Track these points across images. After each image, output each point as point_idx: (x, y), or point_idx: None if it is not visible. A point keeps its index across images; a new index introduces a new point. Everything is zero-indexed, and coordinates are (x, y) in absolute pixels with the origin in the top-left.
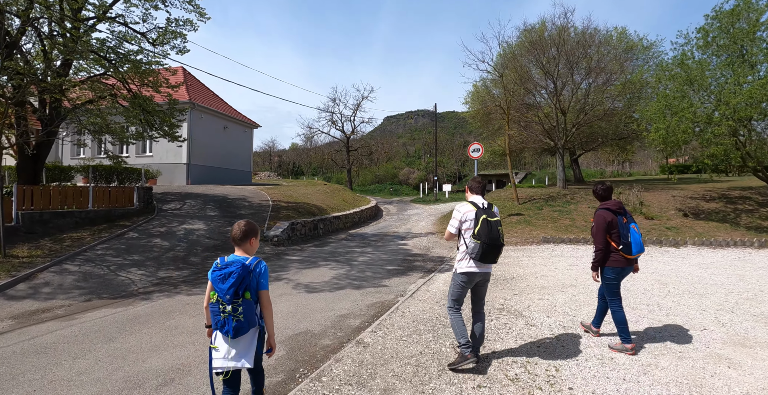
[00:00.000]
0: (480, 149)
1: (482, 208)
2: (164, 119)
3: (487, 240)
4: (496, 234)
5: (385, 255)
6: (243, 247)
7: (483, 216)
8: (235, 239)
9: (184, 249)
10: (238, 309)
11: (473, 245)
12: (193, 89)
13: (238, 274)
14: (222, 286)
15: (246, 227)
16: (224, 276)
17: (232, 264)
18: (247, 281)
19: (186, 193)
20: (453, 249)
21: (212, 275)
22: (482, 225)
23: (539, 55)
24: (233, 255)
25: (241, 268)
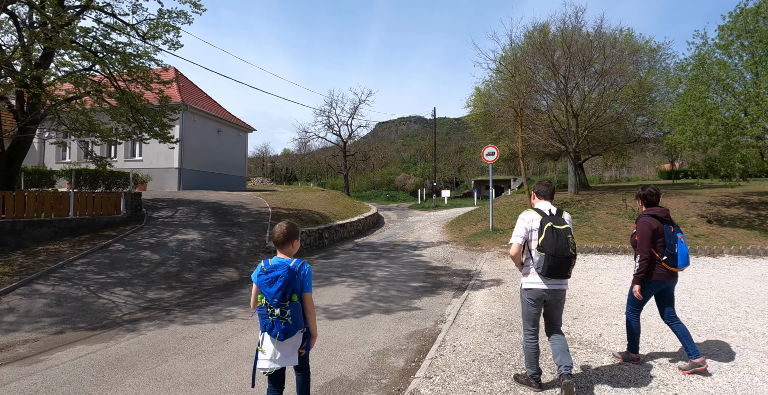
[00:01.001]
0: (495, 152)
1: (548, 216)
2: (155, 118)
3: (553, 252)
4: (563, 244)
5: (404, 269)
6: (285, 250)
7: (548, 225)
8: (277, 242)
9: (177, 263)
10: (286, 312)
11: (538, 258)
12: (186, 91)
13: (285, 278)
14: (269, 290)
15: (288, 229)
16: (271, 280)
17: (278, 267)
18: (293, 284)
19: (178, 199)
20: (474, 260)
21: (258, 279)
22: (547, 235)
23: (550, 55)
24: (277, 258)
25: (288, 272)
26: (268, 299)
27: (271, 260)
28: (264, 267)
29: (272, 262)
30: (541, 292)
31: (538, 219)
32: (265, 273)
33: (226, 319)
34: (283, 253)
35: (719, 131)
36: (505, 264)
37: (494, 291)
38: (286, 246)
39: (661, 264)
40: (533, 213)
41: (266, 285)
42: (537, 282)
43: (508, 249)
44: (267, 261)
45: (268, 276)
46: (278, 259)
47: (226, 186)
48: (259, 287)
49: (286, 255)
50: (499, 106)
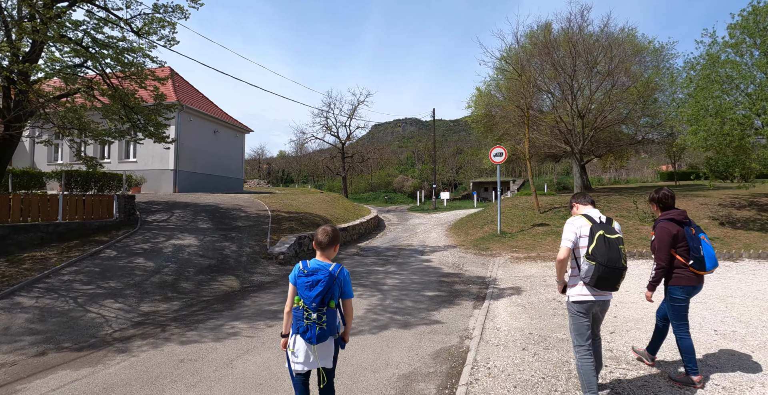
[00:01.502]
0: (503, 153)
1: (599, 223)
2: (150, 117)
3: (604, 262)
4: (616, 254)
5: (415, 277)
6: (327, 253)
7: (600, 233)
8: (321, 244)
9: (173, 271)
10: (322, 317)
11: (587, 267)
12: (182, 90)
13: (326, 283)
14: (309, 293)
15: (334, 233)
16: (312, 284)
17: (319, 271)
18: (333, 290)
19: (174, 202)
20: (486, 266)
21: (298, 280)
22: (598, 244)
23: (555, 54)
24: (316, 261)
25: (329, 277)
26: (306, 302)
27: (309, 262)
28: (304, 269)
29: (312, 265)
30: (590, 304)
31: (587, 225)
32: (305, 276)
33: (228, 337)
34: (324, 256)
35: (735, 131)
36: (520, 271)
37: (516, 301)
38: (328, 249)
39: (689, 269)
40: (582, 219)
41: (306, 288)
42: (585, 293)
43: (520, 253)
44: (306, 263)
45: (308, 279)
46: (318, 262)
47: (222, 188)
48: (298, 289)
49: (327, 258)
50: (503, 107)
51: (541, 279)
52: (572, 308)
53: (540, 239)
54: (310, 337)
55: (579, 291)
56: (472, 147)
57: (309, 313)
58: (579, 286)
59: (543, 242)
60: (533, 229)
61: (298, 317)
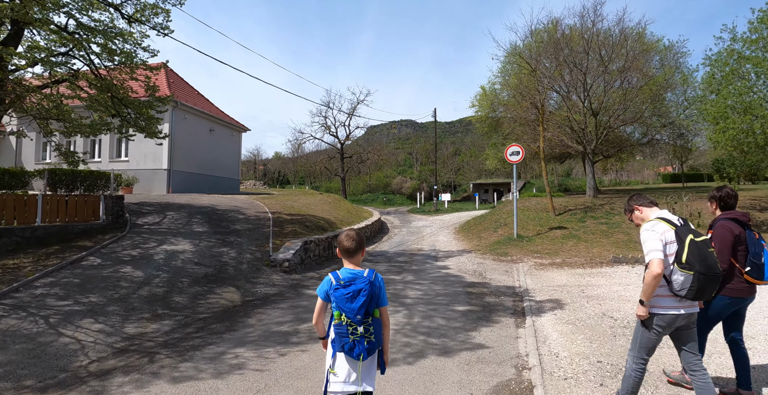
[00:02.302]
0: (520, 152)
1: (682, 226)
2: (140, 111)
3: (703, 270)
4: (712, 260)
5: (438, 287)
6: (355, 259)
7: (690, 237)
8: (348, 251)
9: (164, 282)
10: (369, 329)
11: (683, 278)
12: (176, 87)
13: (368, 292)
14: (352, 306)
15: (358, 237)
16: (352, 295)
17: (356, 279)
18: (375, 298)
19: (167, 203)
20: (510, 273)
21: (335, 293)
22: (691, 249)
23: (568, 50)
24: (348, 270)
25: (369, 285)
26: (350, 316)
27: (340, 272)
28: (339, 280)
29: (344, 274)
30: (675, 317)
31: (670, 230)
32: (343, 287)
33: (232, 371)
34: (353, 263)
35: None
36: (549, 279)
37: (562, 317)
38: (356, 255)
39: (743, 276)
40: (663, 223)
41: (347, 300)
42: (673, 305)
43: (543, 259)
44: (336, 274)
45: (347, 290)
46: (350, 271)
47: (218, 188)
48: (337, 303)
49: (356, 265)
50: (509, 105)
51: (578, 289)
52: (656, 322)
53: (560, 243)
54: (360, 353)
55: (667, 304)
56: (470, 148)
57: (354, 328)
58: (667, 298)
59: (564, 247)
60: (551, 233)
61: (342, 333)
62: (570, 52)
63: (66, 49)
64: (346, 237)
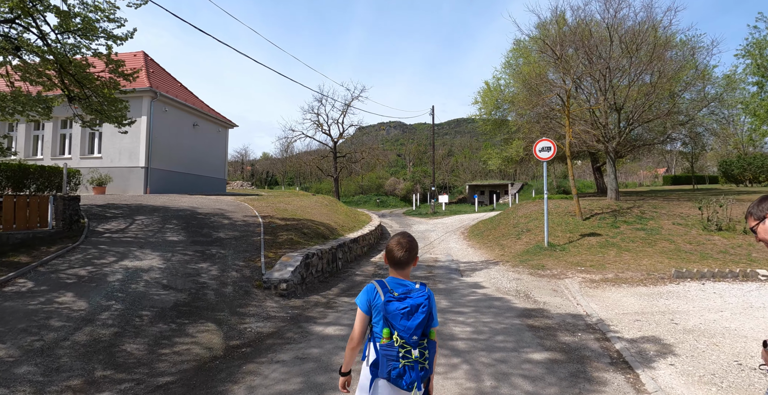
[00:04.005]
0: (551, 147)
1: None
2: (100, 90)
3: None
4: None
5: (486, 317)
6: (406, 271)
7: None
8: (400, 262)
9: (115, 317)
10: (424, 352)
11: None
12: (157, 77)
13: (428, 307)
14: (409, 324)
15: (410, 244)
16: (410, 310)
17: (413, 292)
18: (432, 316)
19: (139, 205)
20: (560, 293)
21: (389, 307)
22: None
23: (587, 41)
24: (397, 280)
25: (428, 300)
26: (404, 336)
27: (387, 281)
28: (392, 291)
29: (394, 285)
30: None
31: None
32: (398, 300)
33: None
34: (403, 275)
35: None
36: (615, 302)
37: (685, 369)
38: (409, 265)
39: None
40: None
41: (403, 316)
42: None
43: (590, 274)
44: (383, 282)
45: (404, 304)
46: (400, 282)
47: (203, 189)
48: (390, 318)
49: (406, 276)
50: (525, 100)
51: (664, 318)
52: None
53: (600, 253)
54: (413, 381)
55: None
56: (464, 149)
57: (408, 350)
58: None
59: (607, 258)
60: (584, 241)
61: (391, 356)
62: (592, 40)
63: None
64: (397, 246)
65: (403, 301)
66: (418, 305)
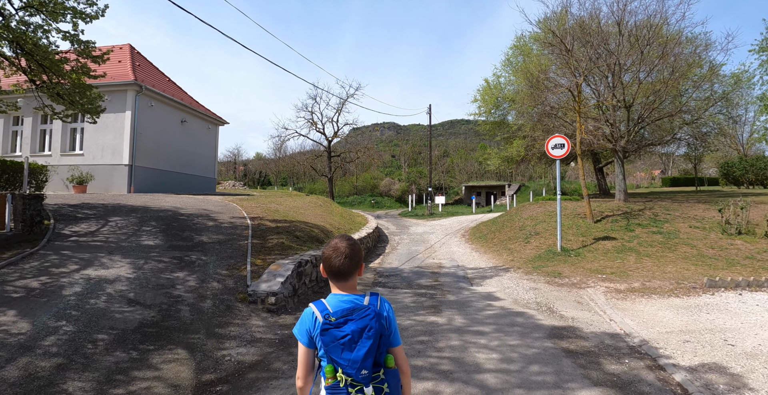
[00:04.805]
0: (565, 144)
1: None
2: (66, 75)
3: None
4: None
5: (513, 340)
6: (351, 282)
7: None
8: (340, 272)
9: (63, 344)
10: (382, 387)
11: None
12: (143, 71)
13: (376, 329)
14: (353, 356)
15: (351, 249)
16: (352, 337)
17: (355, 311)
18: (385, 337)
19: (116, 205)
20: (584, 306)
21: (323, 337)
22: None
23: (595, 38)
24: (339, 297)
25: (375, 318)
26: (351, 371)
27: (328, 302)
28: (329, 316)
29: (335, 304)
30: None
31: None
32: (335, 327)
33: None
34: (346, 288)
35: None
36: (651, 317)
37: None
38: (352, 276)
39: None
40: None
41: (344, 347)
42: None
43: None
44: (323, 304)
45: (342, 331)
46: (344, 299)
47: (191, 188)
48: (329, 352)
49: (350, 290)
50: (528, 97)
51: (715, 337)
52: None
53: (619, 259)
54: None
55: None
56: (458, 150)
57: (359, 388)
58: None
59: (627, 264)
60: (598, 245)
61: None
62: (601, 34)
63: None
64: (333, 252)
65: (342, 327)
66: (362, 329)
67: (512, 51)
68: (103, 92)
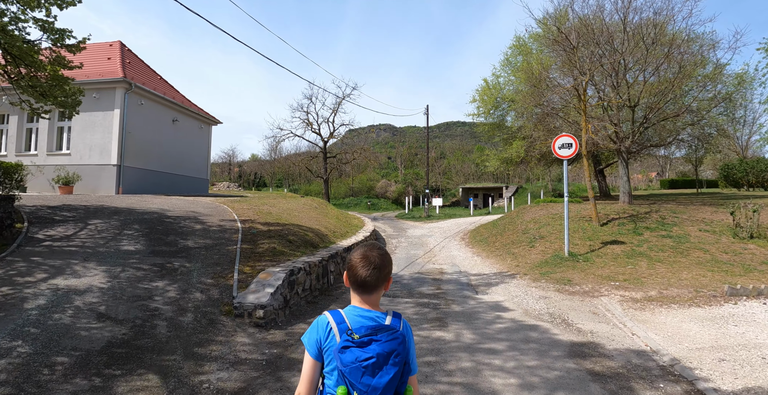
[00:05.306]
0: (573, 144)
1: None
2: (37, 64)
3: None
4: None
5: (530, 360)
6: (374, 297)
7: None
8: (366, 284)
9: (13, 370)
10: None
11: None
12: (133, 68)
13: (401, 355)
14: (375, 382)
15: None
16: (378, 361)
17: (382, 331)
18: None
19: (100, 206)
20: (601, 317)
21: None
22: None
23: (599, 37)
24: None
25: (403, 342)
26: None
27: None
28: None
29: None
30: None
31: None
32: (359, 345)
33: None
34: (369, 302)
35: None
36: (676, 331)
37: None
38: (378, 289)
39: None
40: None
41: (365, 371)
42: None
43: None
44: (340, 315)
45: (368, 351)
46: (364, 314)
47: (183, 189)
48: (348, 375)
49: (373, 305)
50: (529, 96)
51: (751, 354)
52: None
53: (630, 265)
54: None
55: None
56: (455, 151)
57: None
58: None
59: (639, 270)
60: (607, 249)
61: None
62: (606, 32)
63: None
64: (361, 261)
65: (366, 348)
66: (389, 354)
67: (511, 51)
68: (91, 89)
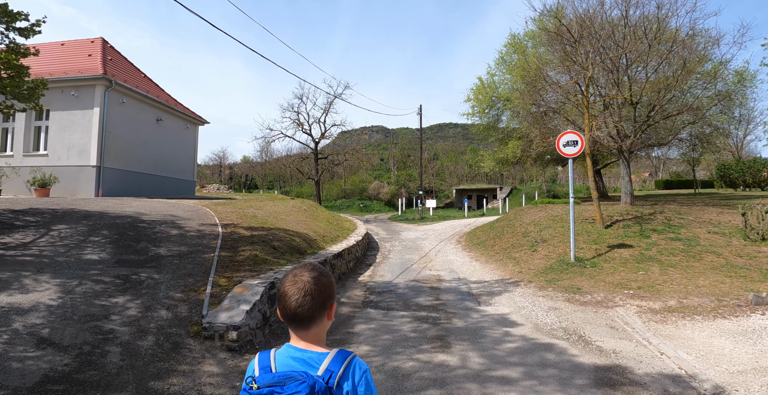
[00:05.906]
0: (579, 141)
1: None
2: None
3: None
4: None
5: (554, 392)
6: (314, 331)
7: None
8: (297, 316)
9: None
10: None
11: None
12: (115, 66)
13: None
14: None
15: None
16: None
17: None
18: None
19: (69, 210)
20: (620, 332)
21: None
22: None
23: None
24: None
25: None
26: None
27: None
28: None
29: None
30: None
31: None
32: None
33: None
34: (308, 338)
35: None
36: (706, 347)
37: None
38: (315, 322)
39: None
40: None
41: None
42: None
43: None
44: (267, 357)
45: None
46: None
47: (168, 192)
48: None
49: (314, 341)
50: (528, 93)
51: None
52: None
53: (641, 270)
54: None
55: None
56: (448, 153)
57: None
58: None
59: (652, 276)
60: (615, 253)
61: None
62: (607, 27)
63: None
64: (290, 287)
65: None
66: None
67: (506, 49)
68: (70, 87)
